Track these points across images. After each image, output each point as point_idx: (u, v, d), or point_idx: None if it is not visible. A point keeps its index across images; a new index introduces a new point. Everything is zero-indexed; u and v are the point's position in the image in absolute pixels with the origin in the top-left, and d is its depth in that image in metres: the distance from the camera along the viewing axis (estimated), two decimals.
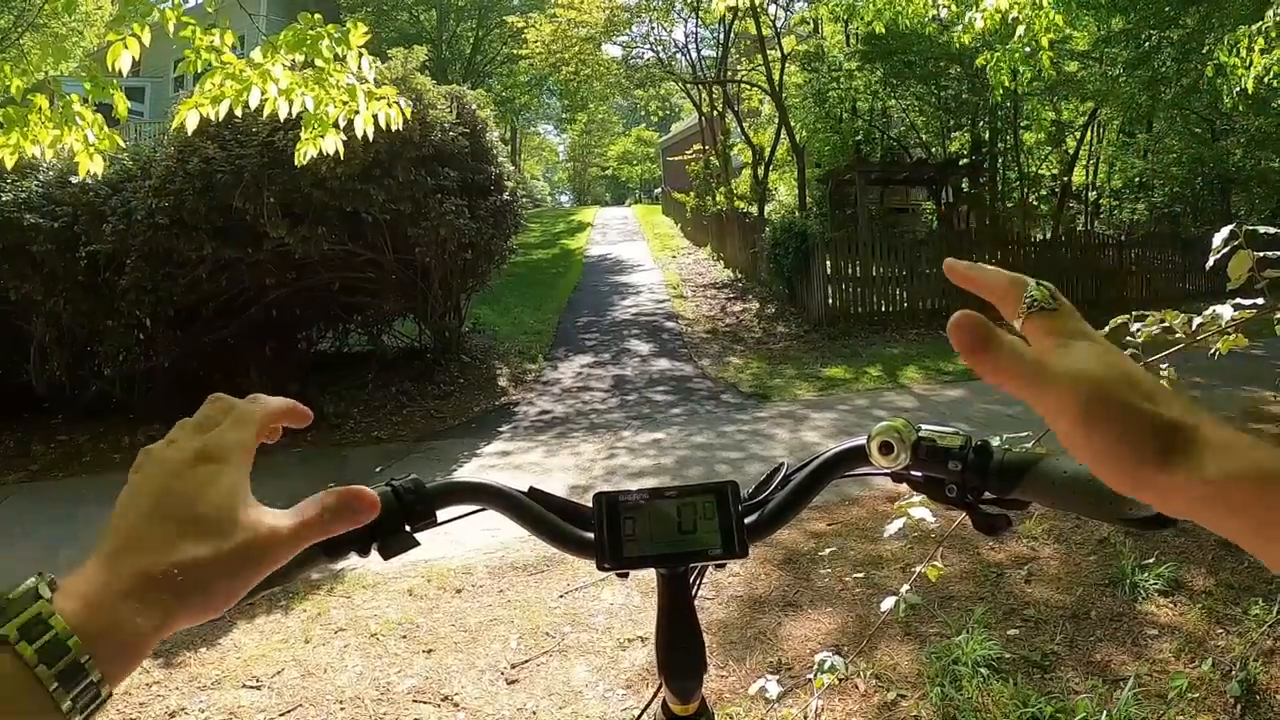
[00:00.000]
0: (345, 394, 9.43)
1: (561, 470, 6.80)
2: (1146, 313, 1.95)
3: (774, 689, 2.31)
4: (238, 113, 3.83)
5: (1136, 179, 20.34)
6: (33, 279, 8.33)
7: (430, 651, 3.67)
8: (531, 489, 0.90)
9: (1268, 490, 0.40)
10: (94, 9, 18.83)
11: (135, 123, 18.57)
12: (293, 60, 3.78)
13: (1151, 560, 3.81)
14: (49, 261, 8.25)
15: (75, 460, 8.16)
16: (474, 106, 10.03)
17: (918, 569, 2.18)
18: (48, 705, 0.44)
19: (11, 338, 9.01)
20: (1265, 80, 6.32)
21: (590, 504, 0.87)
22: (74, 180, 7.76)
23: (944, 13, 6.49)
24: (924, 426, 0.81)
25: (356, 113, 3.95)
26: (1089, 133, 19.77)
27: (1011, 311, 0.55)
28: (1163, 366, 1.95)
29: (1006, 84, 7.38)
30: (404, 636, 3.85)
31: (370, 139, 4.09)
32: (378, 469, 7.22)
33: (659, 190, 39.54)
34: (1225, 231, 1.71)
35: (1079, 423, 0.46)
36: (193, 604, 0.49)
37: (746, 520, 0.86)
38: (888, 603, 2.19)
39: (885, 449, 0.80)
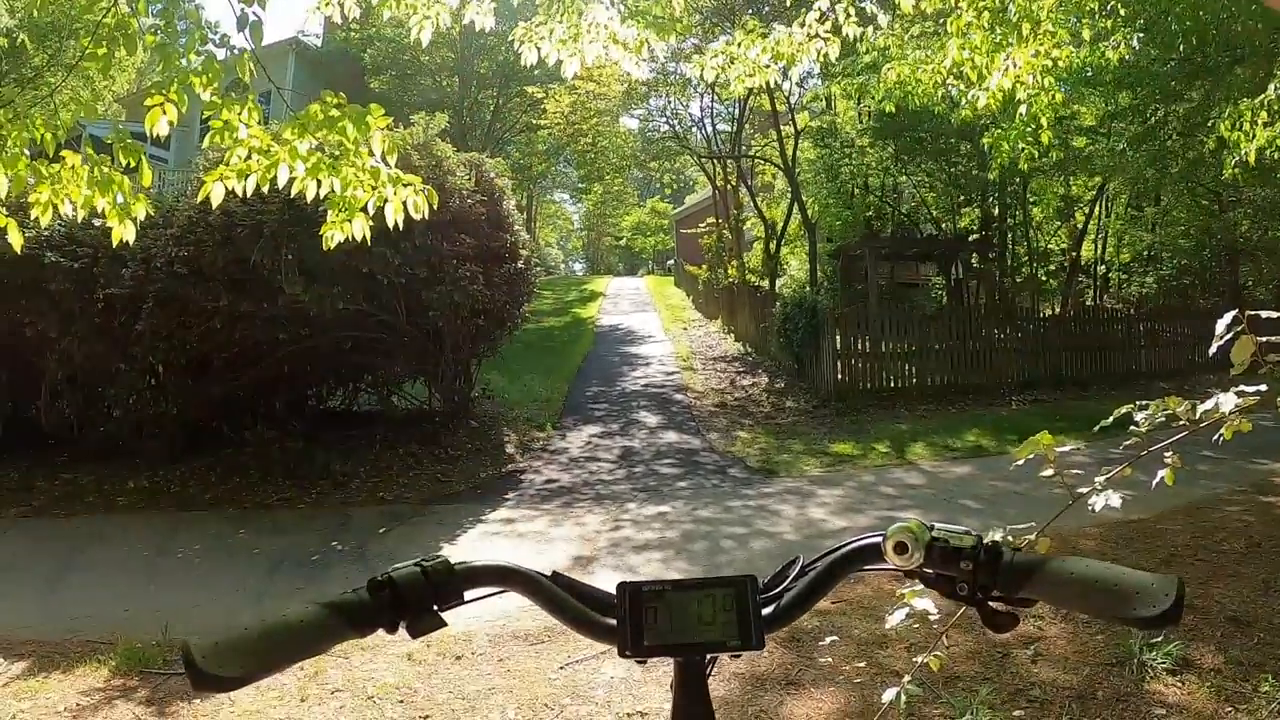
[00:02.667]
0: (352, 453, 9.43)
1: (565, 540, 6.76)
2: (1148, 402, 1.96)
3: None
4: (264, 189, 3.90)
5: (1145, 252, 20.47)
6: (49, 316, 8.43)
7: (427, 718, 3.62)
8: (555, 574, 0.92)
9: None
10: (124, 55, 19.30)
11: (159, 169, 18.85)
12: (319, 138, 3.83)
13: (1160, 639, 3.76)
14: (66, 300, 8.36)
15: (78, 500, 8.19)
16: (492, 175, 10.19)
17: (920, 659, 2.16)
18: None
19: (24, 374, 9.08)
20: (1268, 153, 6.41)
21: (612, 590, 0.90)
22: (97, 222, 7.90)
23: (954, 92, 6.61)
24: (937, 526, 0.84)
25: (386, 200, 3.99)
26: (1097, 207, 19.95)
27: None
28: (1166, 455, 1.96)
29: (1006, 162, 7.49)
30: (401, 701, 3.80)
31: (400, 227, 4.15)
32: (381, 530, 7.19)
33: (671, 261, 39.92)
34: (1229, 317, 1.74)
35: None
36: None
37: (764, 612, 0.88)
38: (889, 694, 2.16)
39: (900, 549, 0.83)
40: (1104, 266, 21.27)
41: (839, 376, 13.20)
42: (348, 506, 8.16)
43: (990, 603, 0.80)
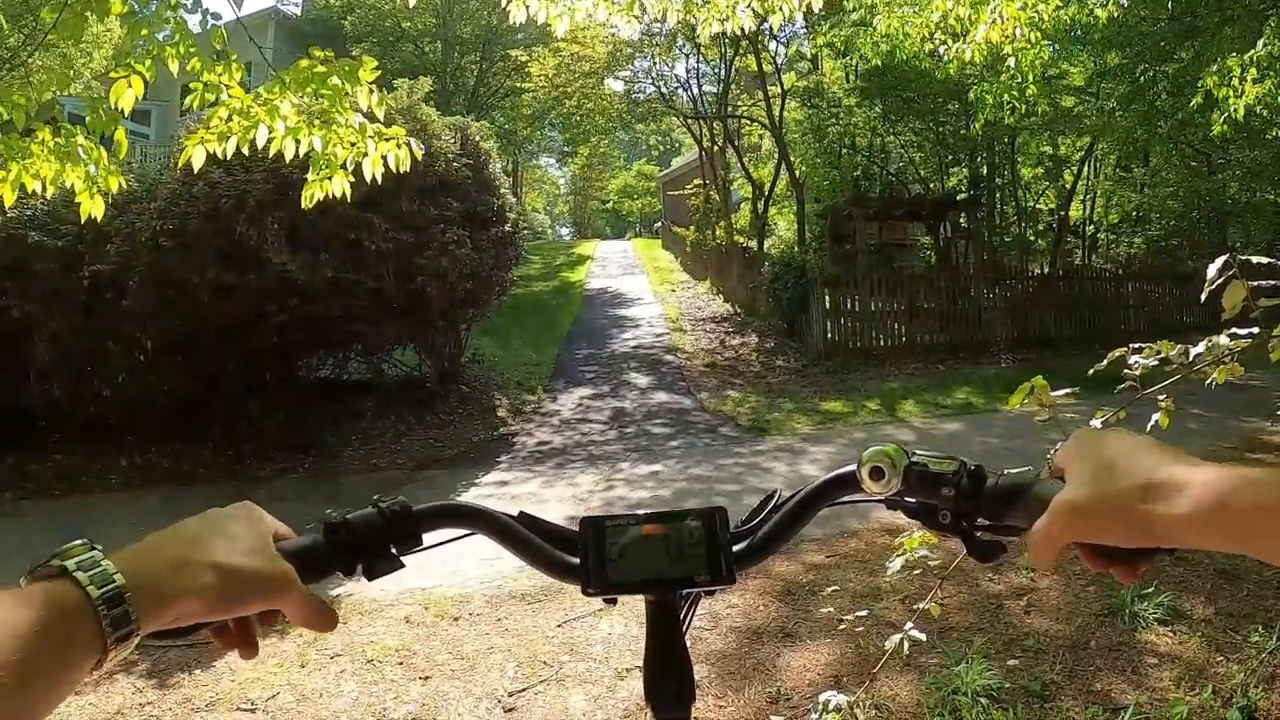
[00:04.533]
0: (344, 422, 9.43)
1: (558, 501, 6.80)
2: (1143, 345, 1.97)
3: None
4: (245, 150, 3.82)
5: (1133, 213, 20.44)
6: (35, 298, 8.35)
7: (427, 679, 3.66)
8: (521, 513, 0.89)
9: (1214, 521, 0.55)
10: (103, 31, 18.89)
11: (140, 145, 18.63)
12: (301, 98, 3.76)
13: (1150, 590, 3.81)
14: (51, 281, 8.29)
15: (71, 481, 8.15)
16: (478, 138, 10.11)
17: (920, 606, 2.19)
18: (94, 629, 0.53)
19: (12, 357, 9.01)
20: (1257, 110, 6.37)
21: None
22: (78, 202, 7.82)
23: (941, 49, 6.56)
24: (917, 452, 0.80)
25: (365, 155, 3.91)
26: (1086, 167, 19.89)
27: None
28: (1160, 398, 1.97)
29: (991, 116, 7.45)
30: (400, 663, 3.83)
31: (378, 180, 4.07)
32: (374, 497, 7.19)
33: (659, 224, 39.72)
34: (1220, 262, 1.74)
35: (1089, 528, 0.62)
36: (211, 590, 0.61)
37: (736, 547, 0.85)
38: (893, 640, 2.19)
39: (876, 474, 0.79)
40: (1092, 227, 21.24)
41: (828, 336, 13.25)
42: (341, 475, 8.18)
43: (975, 531, 0.78)
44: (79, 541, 0.58)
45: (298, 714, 3.38)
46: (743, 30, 5.05)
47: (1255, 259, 1.81)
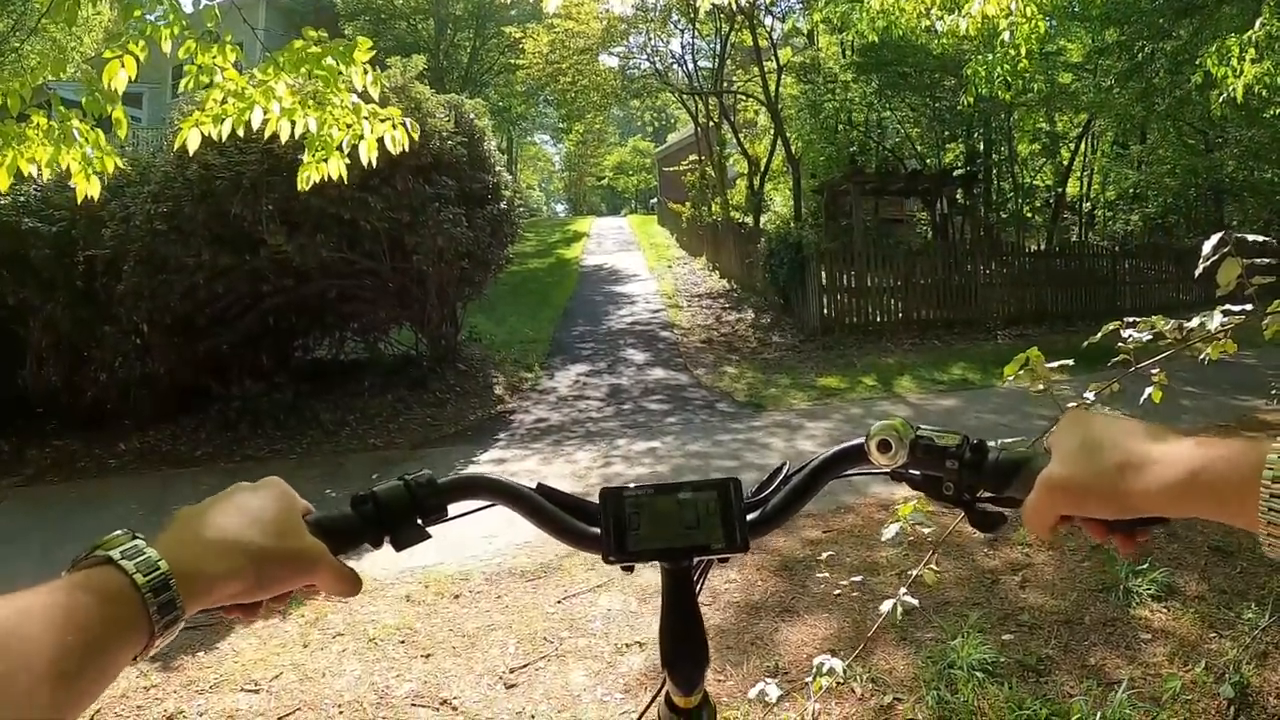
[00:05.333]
0: (341, 401, 9.43)
1: (557, 478, 6.78)
2: (1137, 319, 1.99)
3: (774, 691, 2.33)
4: (239, 132, 3.80)
5: (1130, 190, 20.43)
6: (30, 284, 8.33)
7: (428, 656, 3.69)
8: (540, 485, 0.92)
9: (1184, 493, 0.59)
10: (93, 14, 18.73)
11: (133, 128, 18.52)
12: (295, 78, 3.73)
13: (1145, 566, 3.84)
14: (46, 267, 8.26)
15: (70, 466, 8.15)
16: (472, 115, 10.06)
17: (915, 572, 2.22)
18: (142, 616, 0.55)
19: (8, 343, 8.99)
20: (1255, 90, 6.36)
21: (596, 500, 0.88)
22: (72, 184, 7.79)
23: (939, 25, 6.54)
24: (922, 426, 0.83)
25: (361, 137, 3.89)
26: (1083, 144, 19.85)
27: None
28: (1153, 372, 1.99)
29: (985, 90, 7.42)
30: (402, 641, 3.86)
31: (374, 164, 4.05)
32: (374, 476, 7.22)
33: (654, 200, 39.61)
34: (1214, 239, 1.75)
35: (1071, 502, 0.66)
36: (249, 573, 0.64)
37: (749, 517, 0.88)
38: (886, 605, 2.22)
39: (884, 447, 0.82)
40: (1089, 204, 21.24)
41: (825, 311, 13.25)
42: (339, 455, 8.19)
43: (977, 502, 0.81)
44: (120, 531, 0.61)
45: (301, 693, 3.41)
46: (739, 5, 5.03)
47: (1250, 236, 1.82)
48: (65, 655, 0.49)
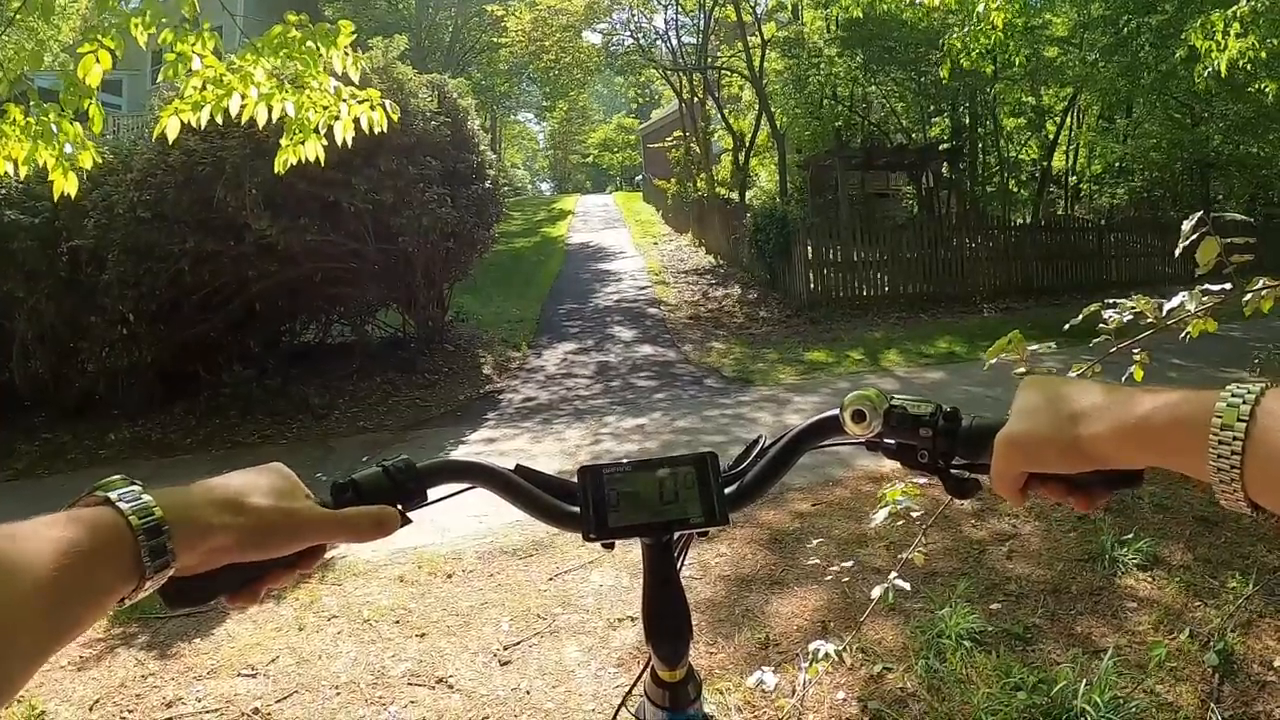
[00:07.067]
0: (330, 385, 9.42)
1: (547, 456, 6.85)
2: (1117, 300, 2.01)
3: (770, 680, 2.35)
4: (219, 119, 3.77)
5: (1116, 164, 20.45)
6: (14, 276, 8.28)
7: (423, 636, 3.72)
8: (519, 466, 0.93)
9: (1135, 436, 0.61)
10: (69, 2, 18.46)
11: (113, 115, 18.32)
12: (275, 64, 3.70)
13: (1130, 536, 3.89)
14: (30, 258, 8.21)
15: (60, 458, 8.13)
16: (455, 95, 10.02)
17: (904, 555, 2.24)
18: (134, 557, 0.56)
19: None
20: (1240, 65, 6.37)
21: (574, 478, 0.89)
22: (52, 177, 7.73)
23: None
24: (896, 396, 0.85)
25: (337, 118, 3.86)
26: (1069, 118, 19.85)
27: None
28: (1135, 352, 2.01)
29: (964, 63, 7.40)
30: (396, 622, 3.89)
31: (349, 144, 4.02)
32: (364, 459, 7.23)
33: (640, 177, 39.48)
34: (1194, 219, 1.77)
35: (1029, 457, 0.68)
36: (244, 528, 0.64)
37: (726, 490, 0.89)
38: (877, 590, 2.25)
39: (858, 417, 0.83)
40: (1075, 177, 21.26)
41: (811, 286, 13.29)
42: (329, 438, 8.19)
43: (952, 469, 0.82)
44: (117, 475, 0.61)
45: (298, 675, 3.43)
46: None
47: (1229, 215, 1.85)
48: (57, 584, 0.50)
